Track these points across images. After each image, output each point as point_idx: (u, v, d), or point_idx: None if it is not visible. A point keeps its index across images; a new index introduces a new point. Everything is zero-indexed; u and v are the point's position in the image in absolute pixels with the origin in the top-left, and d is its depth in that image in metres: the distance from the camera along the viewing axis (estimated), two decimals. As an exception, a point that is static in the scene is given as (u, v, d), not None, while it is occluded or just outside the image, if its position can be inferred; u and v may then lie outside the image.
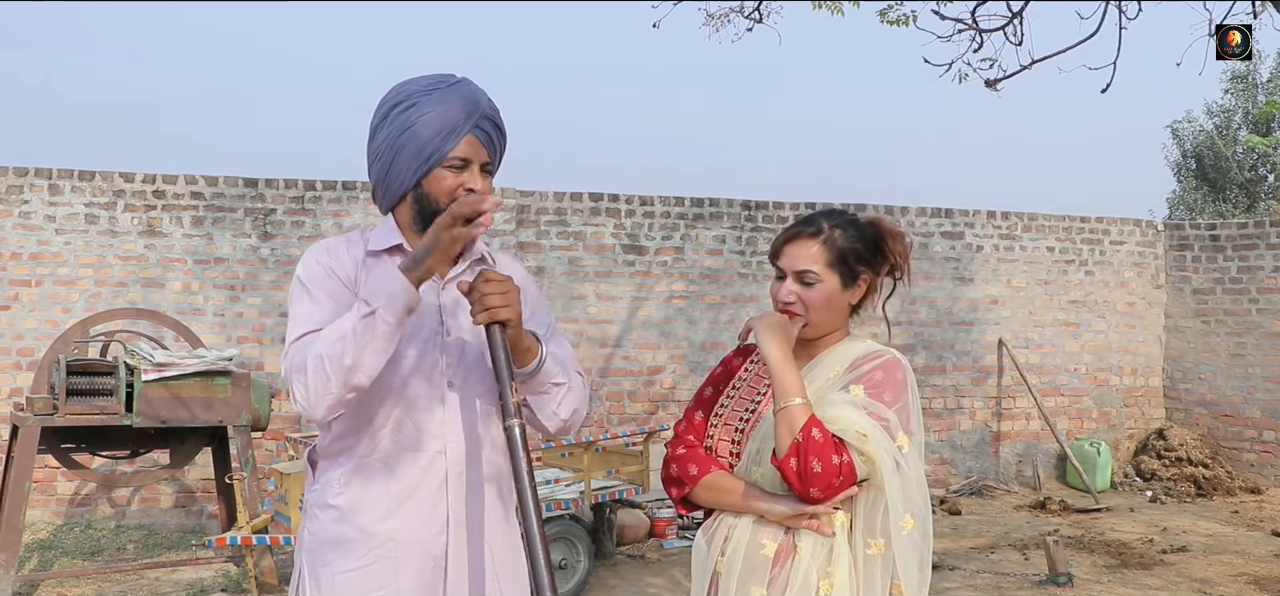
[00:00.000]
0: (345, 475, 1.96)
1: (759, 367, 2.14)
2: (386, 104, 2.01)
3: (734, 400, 2.13)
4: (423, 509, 1.95)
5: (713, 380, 2.21)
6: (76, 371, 5.29)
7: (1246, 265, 9.32)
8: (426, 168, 1.95)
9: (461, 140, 1.96)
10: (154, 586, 5.82)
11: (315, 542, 1.97)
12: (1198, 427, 9.62)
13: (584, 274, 8.30)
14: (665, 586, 6.03)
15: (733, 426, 2.08)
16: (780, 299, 2.08)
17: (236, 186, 7.65)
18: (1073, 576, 6.04)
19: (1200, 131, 21.24)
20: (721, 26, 6.50)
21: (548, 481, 6.14)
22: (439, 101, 1.96)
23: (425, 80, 2.01)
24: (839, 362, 2.04)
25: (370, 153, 2.03)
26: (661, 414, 8.34)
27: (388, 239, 2.02)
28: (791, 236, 2.10)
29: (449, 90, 1.99)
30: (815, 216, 2.12)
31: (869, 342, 2.10)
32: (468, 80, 2.05)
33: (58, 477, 7.12)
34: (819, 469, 1.85)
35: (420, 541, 1.93)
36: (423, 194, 1.97)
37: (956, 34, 5.73)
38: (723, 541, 2.02)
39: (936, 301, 9.17)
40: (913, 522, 1.91)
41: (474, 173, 1.98)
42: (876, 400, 1.94)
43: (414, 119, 1.95)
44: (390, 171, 1.98)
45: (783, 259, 2.10)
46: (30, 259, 7.27)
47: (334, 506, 1.96)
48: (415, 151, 1.95)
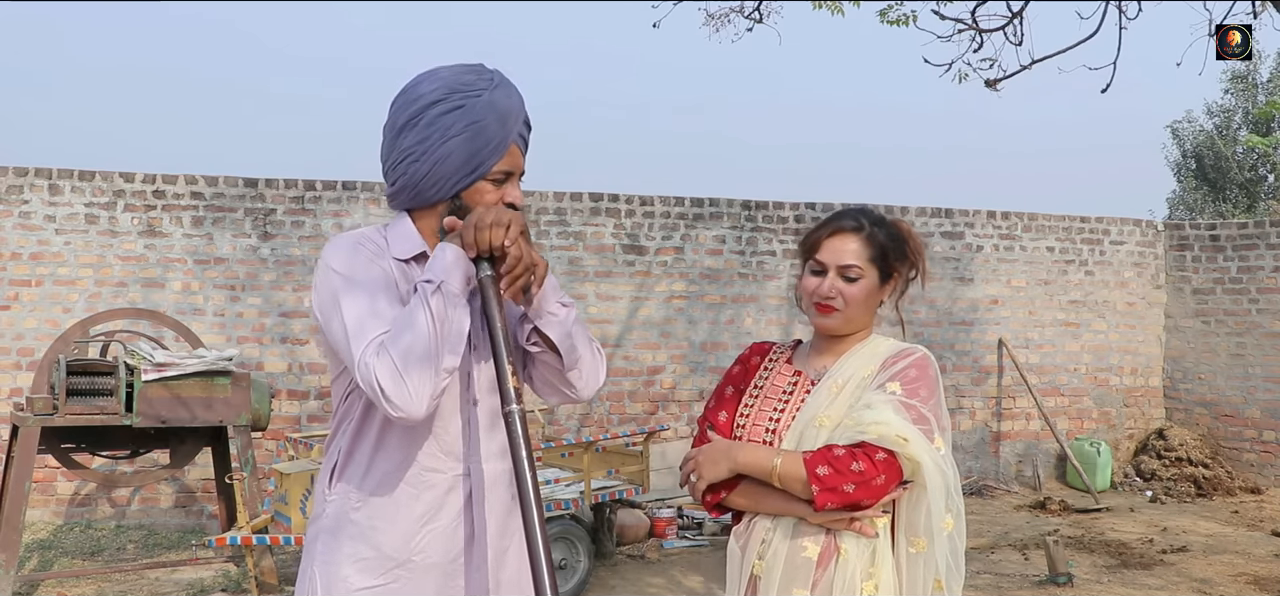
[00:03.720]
0: (366, 491, 1.85)
1: (780, 363, 2.13)
2: (421, 99, 1.84)
3: (759, 399, 2.08)
4: (445, 531, 1.85)
5: (732, 379, 2.15)
6: (76, 371, 5.29)
7: (1246, 265, 9.31)
8: (469, 181, 1.82)
9: (505, 152, 1.84)
10: (154, 586, 5.82)
11: (331, 555, 1.86)
12: (1198, 427, 9.61)
13: (584, 274, 8.30)
14: (665, 586, 6.03)
15: (763, 426, 2.03)
16: (821, 293, 2.03)
17: (236, 186, 7.65)
18: (1073, 576, 6.04)
19: (1200, 131, 21.24)
20: (721, 26, 6.51)
21: (548, 481, 6.14)
22: (485, 108, 1.82)
23: (463, 76, 1.85)
24: (871, 359, 2.03)
25: (396, 150, 1.86)
26: (661, 414, 8.34)
27: (410, 245, 1.88)
28: (834, 230, 2.06)
29: (492, 94, 1.84)
30: (851, 212, 2.09)
31: (894, 340, 2.09)
32: (505, 79, 1.90)
33: (58, 477, 7.11)
34: (852, 489, 1.87)
35: (440, 565, 1.85)
36: (460, 206, 1.83)
37: (956, 34, 5.74)
38: (760, 544, 1.99)
39: (936, 301, 9.17)
40: (953, 522, 1.94)
41: (514, 184, 1.87)
42: (914, 396, 1.96)
43: (457, 126, 1.80)
44: (425, 177, 1.83)
45: (824, 253, 2.04)
46: (30, 259, 7.27)
47: (353, 522, 1.85)
48: (459, 164, 1.81)
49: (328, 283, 1.80)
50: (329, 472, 1.91)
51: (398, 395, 1.67)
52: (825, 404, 1.99)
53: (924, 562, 1.94)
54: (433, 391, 1.69)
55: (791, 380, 2.08)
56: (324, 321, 1.81)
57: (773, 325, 8.63)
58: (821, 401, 2.00)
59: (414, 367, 1.67)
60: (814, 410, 1.99)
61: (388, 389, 1.67)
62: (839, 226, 2.06)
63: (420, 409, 1.68)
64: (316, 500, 1.95)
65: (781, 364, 2.12)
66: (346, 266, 1.80)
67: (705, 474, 1.99)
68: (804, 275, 2.09)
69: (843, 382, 2.00)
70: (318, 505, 1.93)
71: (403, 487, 1.84)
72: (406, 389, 1.67)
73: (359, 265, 1.80)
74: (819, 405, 1.99)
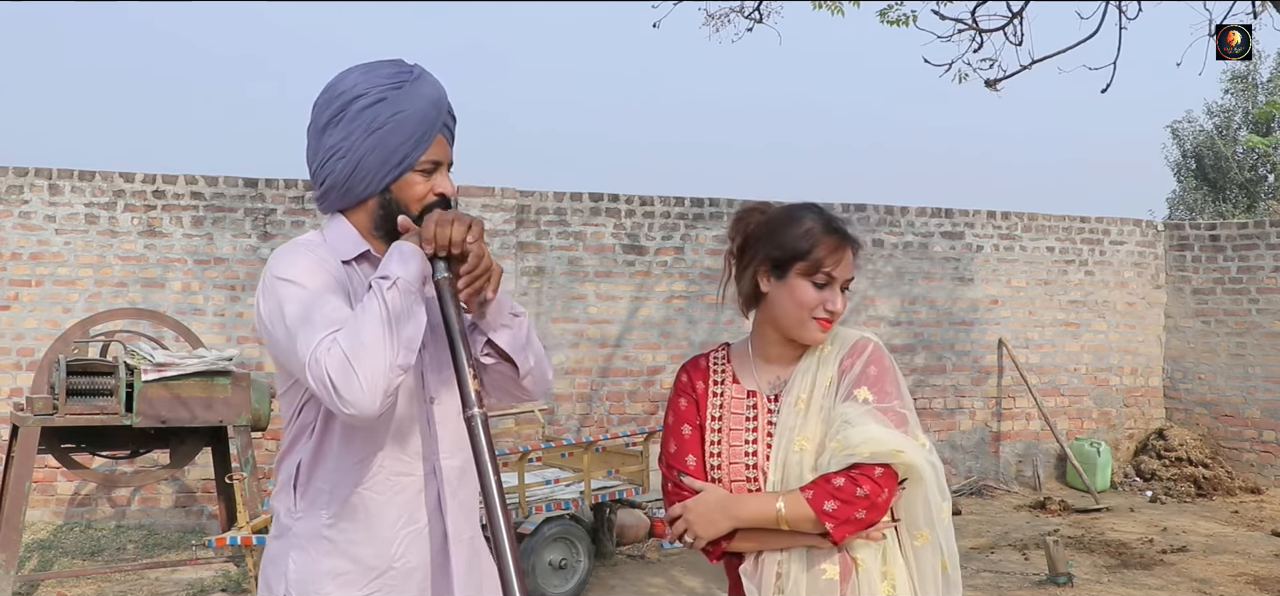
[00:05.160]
0: (335, 504, 1.81)
1: (727, 383, 2.04)
2: (341, 97, 1.82)
3: (723, 432, 1.99)
4: (421, 533, 1.84)
5: (684, 416, 2.03)
6: (76, 371, 5.29)
7: (1246, 265, 9.31)
8: (397, 173, 1.81)
9: (432, 142, 1.83)
10: (154, 586, 5.82)
11: (306, 573, 1.82)
12: (1198, 427, 9.62)
13: (584, 274, 8.30)
14: (665, 586, 6.03)
15: (741, 464, 1.95)
16: (831, 309, 1.95)
17: (236, 186, 7.65)
18: (1073, 576, 6.04)
19: (1200, 131, 21.25)
20: (721, 26, 6.51)
21: (548, 481, 6.14)
22: (407, 99, 1.81)
23: (382, 71, 1.84)
24: (822, 363, 1.98)
25: (321, 150, 1.84)
26: (661, 414, 8.33)
27: (353, 245, 1.86)
28: (842, 241, 1.97)
29: (415, 85, 1.83)
30: (836, 218, 2.00)
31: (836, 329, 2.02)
32: (426, 71, 1.89)
33: (58, 477, 7.11)
34: (863, 515, 1.86)
35: (421, 567, 1.84)
36: (390, 199, 1.82)
37: (956, 34, 5.74)
38: (775, 578, 1.93)
39: (936, 301, 9.17)
40: (948, 508, 1.96)
41: (443, 175, 1.86)
42: (885, 399, 1.92)
43: (381, 118, 1.79)
44: (353, 175, 1.82)
45: (838, 268, 1.95)
46: (30, 259, 7.27)
47: (327, 538, 1.81)
48: (384, 157, 1.80)
49: (273, 291, 1.76)
50: (290, 489, 1.85)
51: (349, 390, 1.61)
52: (796, 424, 1.94)
53: (930, 550, 1.96)
54: (386, 388, 1.64)
55: (749, 403, 2.00)
56: (269, 330, 1.77)
57: (773, 325, 8.64)
58: (792, 422, 1.94)
59: (366, 363, 1.62)
60: (788, 435, 1.93)
61: (339, 383, 1.62)
62: (844, 238, 1.97)
63: (373, 405, 1.63)
64: (277, 518, 1.88)
65: (728, 384, 2.03)
66: (292, 272, 1.76)
67: (702, 532, 1.93)
68: (791, 283, 1.95)
69: (806, 397, 1.95)
70: (280, 522, 1.87)
71: (374, 496, 1.81)
72: (358, 384, 1.61)
73: (304, 270, 1.76)
74: (791, 427, 1.94)
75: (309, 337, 1.67)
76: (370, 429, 1.78)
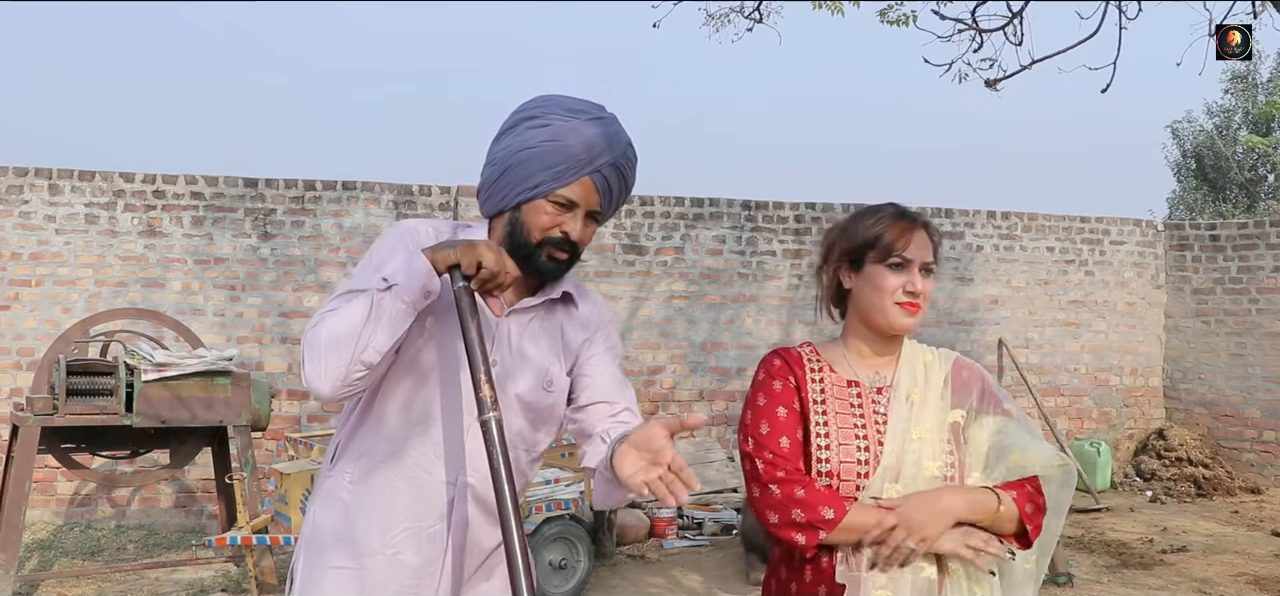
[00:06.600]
0: (358, 474, 1.89)
1: (825, 372, 2.00)
2: (520, 112, 1.91)
3: (832, 417, 1.94)
4: (424, 536, 1.86)
5: (779, 398, 1.95)
6: (76, 371, 5.29)
7: (1246, 265, 9.31)
8: (529, 195, 1.85)
9: (575, 181, 1.85)
10: (154, 586, 5.82)
11: (316, 530, 1.92)
12: (1198, 427, 9.61)
13: (584, 274, 8.30)
14: (665, 586, 6.03)
15: (852, 448, 1.91)
16: (913, 290, 1.96)
17: (236, 186, 7.65)
18: (1073, 576, 6.04)
19: (1200, 131, 21.25)
20: (721, 26, 6.51)
21: (548, 481, 6.14)
22: (567, 132, 1.84)
23: (569, 103, 1.90)
24: (927, 369, 2.01)
25: (489, 154, 1.93)
26: (662, 414, 8.33)
27: None
28: (912, 223, 1.98)
29: (585, 123, 1.86)
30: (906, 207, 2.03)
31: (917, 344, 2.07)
32: (612, 118, 1.92)
33: (58, 477, 7.12)
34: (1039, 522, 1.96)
35: (413, 568, 1.86)
36: (518, 219, 1.86)
37: (956, 34, 5.74)
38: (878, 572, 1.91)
39: (937, 301, 9.16)
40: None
41: (577, 217, 1.86)
42: (1014, 410, 2.03)
43: (535, 139, 1.84)
44: (498, 182, 1.88)
45: (912, 248, 1.95)
46: (30, 259, 7.27)
47: (342, 500, 1.89)
48: (524, 176, 1.84)
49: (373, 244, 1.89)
50: (333, 451, 1.97)
51: (309, 366, 1.73)
52: (911, 415, 1.94)
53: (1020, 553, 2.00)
54: (342, 377, 1.72)
55: (853, 392, 1.98)
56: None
57: (773, 325, 8.63)
58: (905, 413, 1.95)
59: (331, 347, 1.71)
60: (903, 424, 1.93)
61: (305, 356, 1.74)
62: (913, 220, 1.98)
63: (324, 388, 1.72)
64: (321, 471, 2.02)
65: (827, 372, 1.99)
66: (380, 246, 1.87)
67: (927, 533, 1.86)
68: (869, 272, 1.96)
69: (920, 391, 1.97)
70: (320, 476, 2.00)
71: (391, 481, 1.87)
72: (318, 364, 1.72)
73: (388, 249, 1.85)
74: (905, 418, 1.94)
75: (331, 298, 1.81)
76: (407, 411, 1.86)
